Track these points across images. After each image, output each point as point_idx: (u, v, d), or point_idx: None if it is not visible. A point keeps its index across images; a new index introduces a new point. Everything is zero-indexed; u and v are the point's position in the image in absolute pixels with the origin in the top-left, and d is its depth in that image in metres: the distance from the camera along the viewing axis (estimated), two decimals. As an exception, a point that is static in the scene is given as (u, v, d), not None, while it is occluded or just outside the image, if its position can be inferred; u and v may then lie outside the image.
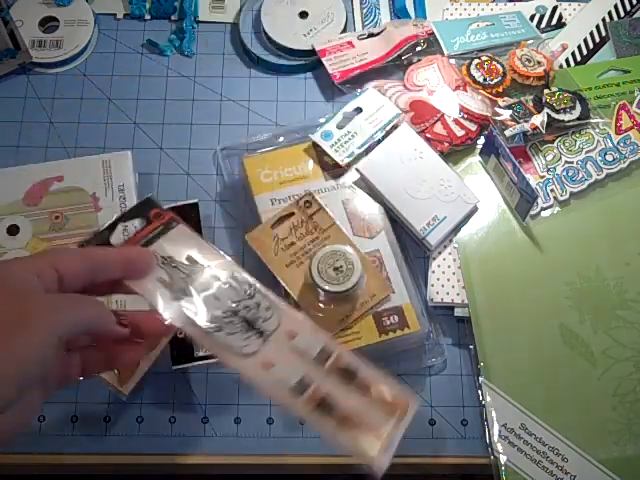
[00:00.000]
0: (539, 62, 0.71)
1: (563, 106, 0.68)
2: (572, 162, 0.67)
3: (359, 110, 0.68)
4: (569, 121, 0.68)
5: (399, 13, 0.78)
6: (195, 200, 0.66)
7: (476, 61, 0.72)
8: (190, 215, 0.65)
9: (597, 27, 0.76)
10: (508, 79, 0.71)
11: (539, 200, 0.66)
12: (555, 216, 0.66)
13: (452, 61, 0.73)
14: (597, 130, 0.68)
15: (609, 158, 0.67)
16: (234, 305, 0.47)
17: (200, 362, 0.60)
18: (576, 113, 0.68)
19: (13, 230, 0.62)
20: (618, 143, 0.68)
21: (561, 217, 0.66)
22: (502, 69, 0.71)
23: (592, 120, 0.69)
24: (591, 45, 0.75)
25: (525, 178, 0.63)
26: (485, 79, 0.70)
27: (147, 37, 0.76)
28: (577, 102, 0.69)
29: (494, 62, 0.71)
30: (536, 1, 0.77)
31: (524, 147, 0.68)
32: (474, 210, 0.66)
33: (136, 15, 0.78)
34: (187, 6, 0.77)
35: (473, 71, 0.71)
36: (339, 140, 0.66)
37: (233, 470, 0.62)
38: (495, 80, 0.70)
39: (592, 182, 0.67)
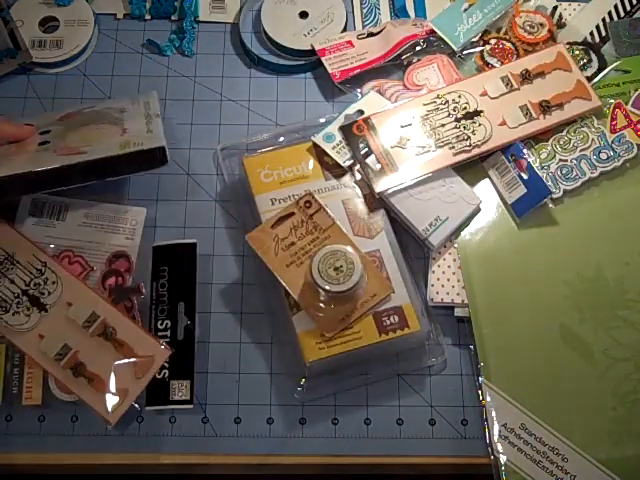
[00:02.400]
0: (541, 24, 0.72)
1: (582, 63, 0.70)
2: (566, 160, 0.67)
3: (361, 112, 0.68)
4: (592, 75, 0.70)
5: (399, 13, 0.78)
6: (193, 241, 0.65)
7: (487, 48, 0.72)
8: (187, 254, 0.64)
9: (597, 27, 0.76)
10: (521, 53, 0.72)
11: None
12: (554, 216, 0.66)
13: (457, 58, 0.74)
14: (592, 129, 0.68)
15: (603, 156, 0.68)
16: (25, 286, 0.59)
17: (174, 406, 0.59)
18: (595, 65, 0.70)
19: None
20: (613, 142, 0.68)
21: (560, 217, 0.66)
22: (512, 46, 0.72)
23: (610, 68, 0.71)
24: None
25: (537, 174, 0.65)
26: (502, 63, 0.71)
27: (147, 37, 0.76)
28: (592, 54, 0.71)
29: (502, 42, 0.72)
30: (536, 1, 0.77)
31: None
32: (477, 211, 0.66)
33: (136, 15, 0.77)
34: (187, 6, 0.77)
35: (488, 59, 0.72)
36: (341, 142, 0.66)
37: (233, 470, 0.62)
38: (512, 60, 0.71)
39: (586, 180, 0.67)
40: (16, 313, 0.60)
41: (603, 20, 0.76)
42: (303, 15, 0.77)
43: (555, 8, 0.76)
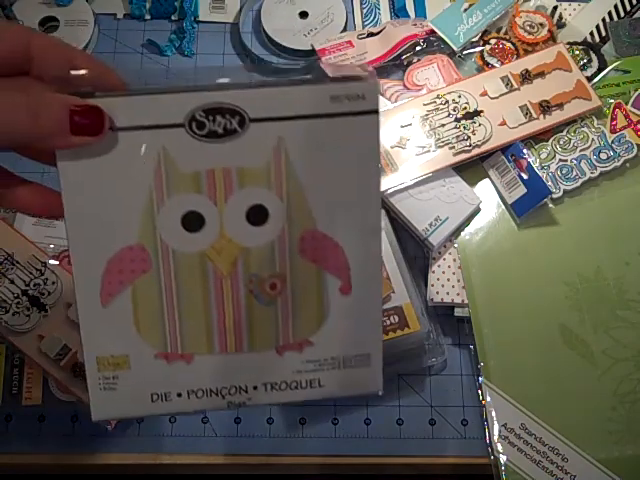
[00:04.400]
0: (541, 24, 0.72)
1: (582, 63, 0.70)
2: (566, 160, 0.67)
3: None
4: (592, 75, 0.70)
5: (399, 13, 0.78)
6: None
7: (487, 48, 0.72)
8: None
9: (597, 27, 0.76)
10: (521, 53, 0.72)
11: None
12: (554, 216, 0.66)
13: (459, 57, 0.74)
14: (592, 129, 0.68)
15: (603, 157, 0.68)
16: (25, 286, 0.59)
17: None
18: (595, 65, 0.70)
19: None
20: (612, 142, 0.68)
21: (560, 217, 0.66)
22: (512, 46, 0.72)
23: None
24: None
25: (537, 174, 0.65)
26: (502, 63, 0.71)
27: (147, 37, 0.76)
28: (592, 54, 0.71)
29: (502, 42, 0.72)
30: (536, 1, 0.77)
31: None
32: (476, 211, 0.66)
33: (136, 15, 0.77)
34: (187, 6, 0.77)
35: (488, 59, 0.72)
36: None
37: (233, 470, 0.62)
38: (512, 60, 0.71)
39: (586, 180, 0.67)
40: (16, 313, 0.60)
41: (603, 20, 0.76)
42: (303, 15, 0.77)
43: (555, 8, 0.76)
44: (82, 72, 0.34)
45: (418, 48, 0.74)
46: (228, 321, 0.37)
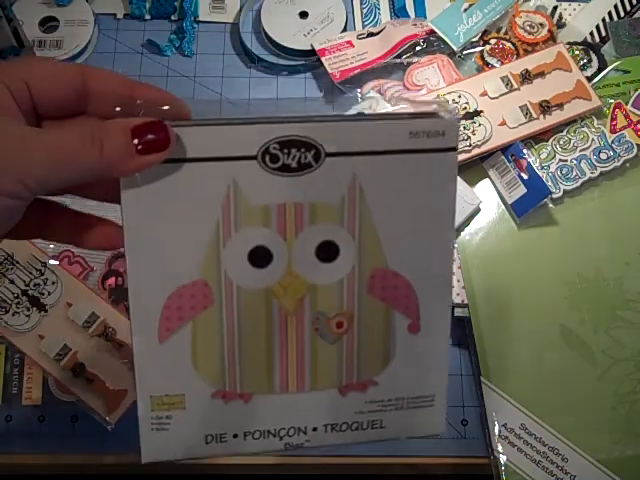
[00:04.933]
0: (541, 24, 0.72)
1: (582, 63, 0.70)
2: (566, 160, 0.67)
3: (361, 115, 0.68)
4: (592, 75, 0.70)
5: (399, 13, 0.78)
6: None
7: (487, 48, 0.72)
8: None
9: (597, 27, 0.76)
10: (521, 53, 0.72)
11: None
12: (554, 216, 0.66)
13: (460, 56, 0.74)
14: (592, 129, 0.68)
15: (603, 157, 0.68)
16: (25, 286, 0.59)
17: None
18: (595, 65, 0.70)
19: None
20: (612, 142, 0.68)
21: (560, 217, 0.66)
22: (512, 46, 0.72)
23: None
24: (591, 45, 0.75)
25: (537, 174, 0.65)
26: (502, 63, 0.71)
27: (147, 37, 0.76)
28: (592, 54, 0.71)
29: (502, 42, 0.72)
30: (536, 1, 0.77)
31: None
32: (476, 211, 0.66)
33: (136, 15, 0.77)
34: (187, 6, 0.77)
35: (488, 59, 0.72)
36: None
37: (233, 470, 0.62)
38: (512, 60, 0.71)
39: (586, 180, 0.67)
40: (16, 313, 0.60)
41: (603, 20, 0.76)
42: (303, 15, 0.77)
43: (555, 8, 0.76)
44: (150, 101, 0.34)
45: (418, 48, 0.74)
46: (291, 359, 0.35)
